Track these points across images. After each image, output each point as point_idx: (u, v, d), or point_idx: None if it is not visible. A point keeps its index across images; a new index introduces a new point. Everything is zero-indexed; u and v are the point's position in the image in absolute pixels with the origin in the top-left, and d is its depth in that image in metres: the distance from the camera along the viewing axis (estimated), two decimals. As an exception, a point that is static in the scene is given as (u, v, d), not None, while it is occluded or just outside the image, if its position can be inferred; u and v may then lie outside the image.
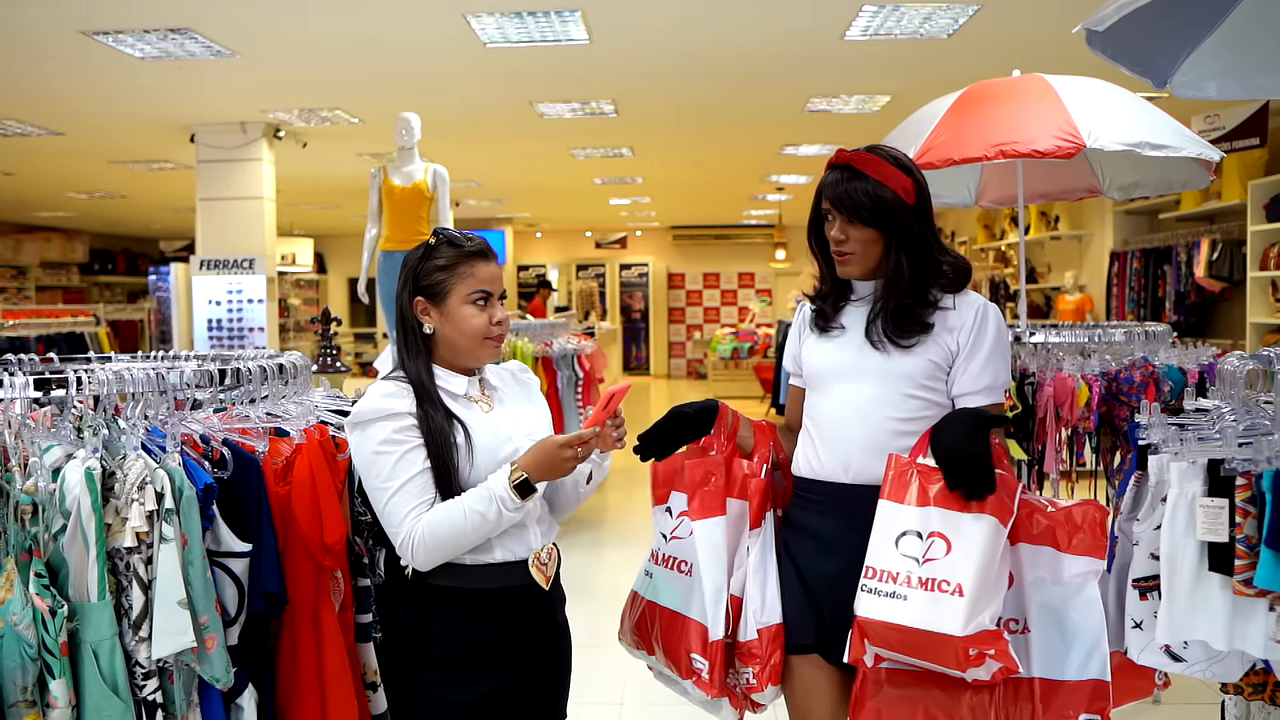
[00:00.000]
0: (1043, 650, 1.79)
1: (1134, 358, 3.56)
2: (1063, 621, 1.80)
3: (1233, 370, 1.99)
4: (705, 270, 18.38)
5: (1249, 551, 1.75)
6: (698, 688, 1.95)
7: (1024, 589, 1.83)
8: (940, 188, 4.49)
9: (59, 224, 15.14)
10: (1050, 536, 1.83)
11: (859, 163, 1.98)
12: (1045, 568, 1.82)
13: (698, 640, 1.96)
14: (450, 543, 1.76)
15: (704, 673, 1.94)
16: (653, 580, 2.08)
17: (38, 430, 1.68)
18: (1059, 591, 1.81)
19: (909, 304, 1.97)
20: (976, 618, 1.69)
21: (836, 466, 2.00)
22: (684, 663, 1.96)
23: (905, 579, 1.75)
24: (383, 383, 1.85)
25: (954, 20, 5.40)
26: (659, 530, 2.09)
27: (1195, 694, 3.53)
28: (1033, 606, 1.82)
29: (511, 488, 1.75)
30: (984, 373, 1.98)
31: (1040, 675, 1.78)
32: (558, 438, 1.78)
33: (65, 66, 6.16)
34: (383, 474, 1.77)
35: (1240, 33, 2.37)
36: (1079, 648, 1.78)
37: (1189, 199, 7.82)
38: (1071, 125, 3.19)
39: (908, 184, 1.98)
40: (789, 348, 2.21)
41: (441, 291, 1.85)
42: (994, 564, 1.74)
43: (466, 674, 1.81)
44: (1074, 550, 1.81)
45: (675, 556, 2.04)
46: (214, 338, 8.21)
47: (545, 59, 6.10)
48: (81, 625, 1.58)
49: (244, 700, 1.76)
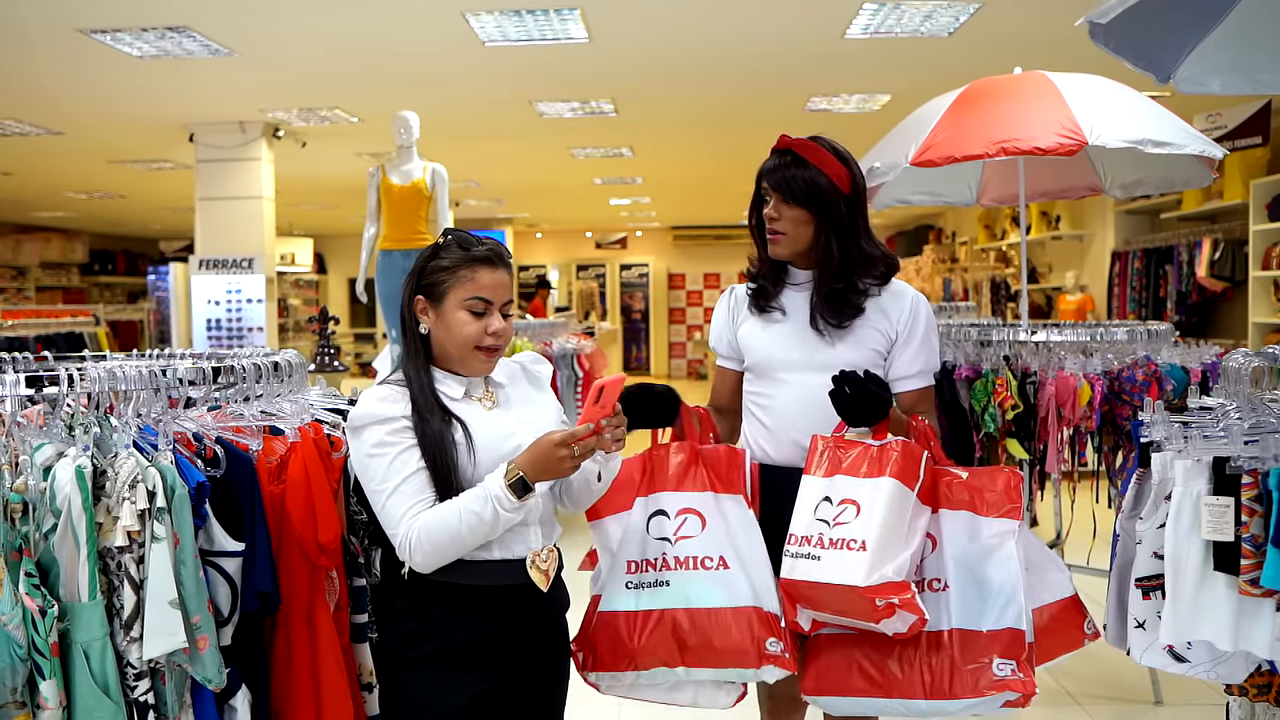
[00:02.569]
0: (960, 605, 1.93)
1: (1136, 357, 3.54)
2: (980, 578, 1.93)
3: (1238, 367, 1.97)
4: (706, 270, 18.37)
5: (1255, 551, 1.73)
6: (779, 668, 1.96)
7: (944, 550, 1.97)
8: (941, 186, 4.47)
9: (58, 224, 15.14)
10: (968, 503, 1.98)
11: (800, 148, 2.10)
12: (964, 530, 1.97)
13: (765, 626, 1.97)
14: (448, 543, 1.73)
15: (783, 652, 1.97)
16: (670, 587, 2.01)
17: (29, 428, 1.66)
18: (976, 551, 1.95)
19: (840, 289, 2.11)
20: (879, 570, 1.83)
21: (793, 454, 2.12)
22: (756, 652, 1.96)
23: (818, 541, 1.90)
24: (378, 387, 1.82)
25: (955, 18, 5.39)
26: (654, 537, 2.06)
27: (1199, 695, 3.51)
28: (951, 566, 1.96)
29: (506, 486, 1.70)
30: (917, 358, 2.15)
31: (958, 626, 1.92)
32: (553, 436, 1.73)
33: (63, 65, 6.15)
34: (378, 476, 1.75)
35: (1244, 28, 2.36)
36: (995, 601, 1.91)
37: (1190, 198, 7.80)
38: (1073, 122, 3.17)
39: (843, 173, 2.10)
40: (717, 330, 2.32)
41: (440, 292, 1.81)
42: (899, 522, 1.89)
43: (457, 674, 1.78)
44: (990, 514, 1.96)
45: (695, 555, 2.02)
46: (213, 337, 8.19)
47: (545, 58, 6.09)
48: (72, 625, 1.56)
49: (237, 701, 1.74)
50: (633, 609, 2.02)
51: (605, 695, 2.11)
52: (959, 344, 3.68)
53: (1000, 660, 1.86)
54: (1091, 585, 4.23)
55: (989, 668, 1.87)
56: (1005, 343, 3.60)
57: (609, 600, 2.06)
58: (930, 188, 4.44)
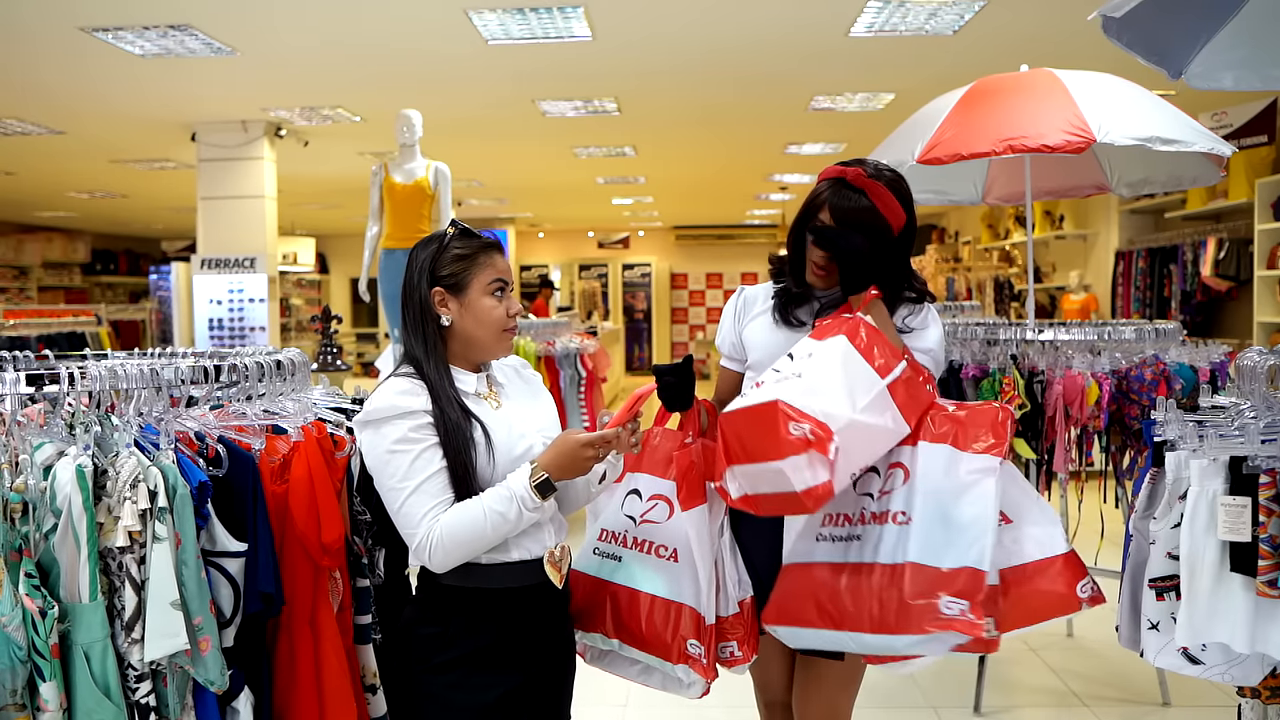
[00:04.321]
0: (922, 540, 1.82)
1: (1144, 355, 3.51)
2: (949, 515, 1.82)
3: (1253, 365, 1.95)
4: (708, 270, 18.36)
5: (1273, 551, 1.71)
6: (694, 671, 1.96)
7: (915, 483, 1.87)
8: (947, 184, 4.45)
9: (60, 224, 15.14)
10: (951, 436, 1.89)
11: (875, 195, 2.02)
12: (940, 465, 1.87)
13: (692, 626, 1.97)
14: (470, 544, 1.72)
15: (701, 657, 1.96)
16: (622, 564, 2.06)
17: (29, 427, 1.64)
18: (949, 486, 1.84)
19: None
20: (805, 399, 1.76)
21: None
22: (676, 648, 1.97)
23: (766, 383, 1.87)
24: (396, 379, 1.80)
25: (960, 16, 5.36)
26: (624, 513, 2.08)
27: (1207, 697, 3.49)
28: (919, 500, 1.85)
29: (533, 487, 1.72)
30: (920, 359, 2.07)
31: (915, 560, 1.80)
32: (580, 437, 1.74)
33: (64, 64, 6.13)
34: (399, 473, 1.72)
35: (1256, 23, 2.33)
36: (961, 539, 1.79)
37: (1195, 198, 7.78)
38: (1081, 120, 3.15)
39: (903, 218, 2.05)
40: (724, 331, 2.31)
41: (462, 282, 1.82)
42: (838, 376, 1.84)
43: (483, 676, 1.78)
44: (973, 449, 1.86)
45: (652, 541, 2.04)
46: (215, 337, 8.17)
47: (548, 56, 6.07)
48: (73, 626, 1.54)
49: (240, 703, 1.72)
50: (590, 573, 2.09)
51: (606, 691, 2.11)
52: (966, 343, 3.65)
53: (950, 599, 1.73)
54: (1100, 585, 4.22)
55: (936, 605, 1.74)
56: (1012, 342, 3.57)
57: (579, 558, 2.11)
58: (936, 186, 4.42)
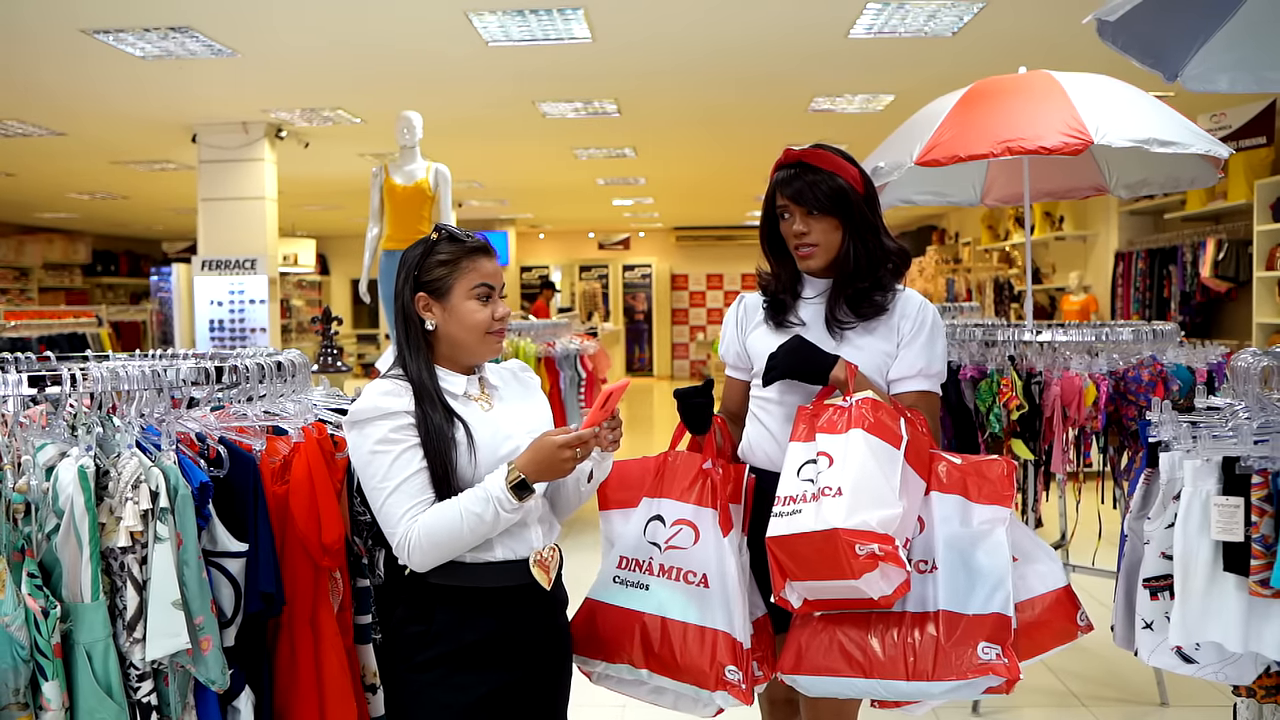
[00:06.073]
0: (948, 587, 1.89)
1: (1142, 356, 3.52)
2: (969, 562, 1.90)
3: (1246, 367, 1.96)
4: (708, 271, 18.36)
5: (1265, 551, 1.72)
6: (734, 697, 1.94)
7: (934, 532, 1.94)
8: (945, 186, 4.46)
9: (61, 225, 15.15)
10: (961, 487, 1.96)
11: (809, 158, 2.09)
12: (955, 514, 1.94)
13: (729, 652, 1.94)
14: (447, 544, 1.73)
15: (740, 683, 1.94)
16: (649, 592, 2.02)
17: (32, 428, 1.66)
18: (966, 535, 1.92)
19: (865, 288, 2.09)
20: (859, 514, 1.80)
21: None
22: (714, 675, 1.94)
23: (802, 497, 1.88)
24: (380, 381, 1.82)
25: (959, 18, 5.37)
26: (647, 539, 2.06)
27: (1204, 696, 3.50)
28: (940, 548, 1.92)
29: (509, 488, 1.72)
30: (918, 360, 2.09)
31: (945, 608, 1.87)
32: (556, 438, 1.74)
33: (65, 66, 6.15)
34: (379, 474, 1.75)
35: (1252, 25, 2.34)
36: (983, 586, 1.87)
37: (1194, 199, 7.79)
38: (1079, 121, 3.16)
39: (855, 174, 2.10)
40: (726, 341, 2.31)
41: (444, 287, 1.83)
42: (878, 473, 1.86)
43: (465, 675, 1.78)
44: (982, 500, 1.94)
45: (680, 567, 2.02)
46: (215, 338, 8.18)
47: (548, 58, 6.08)
48: (75, 626, 1.55)
49: (241, 703, 1.73)
50: (613, 603, 2.06)
51: (606, 692, 2.12)
52: (964, 344, 3.67)
53: (985, 644, 1.82)
54: (1097, 586, 4.23)
55: (974, 650, 1.82)
56: (1010, 343, 3.58)
57: (596, 588, 2.09)
58: (935, 188, 4.43)
